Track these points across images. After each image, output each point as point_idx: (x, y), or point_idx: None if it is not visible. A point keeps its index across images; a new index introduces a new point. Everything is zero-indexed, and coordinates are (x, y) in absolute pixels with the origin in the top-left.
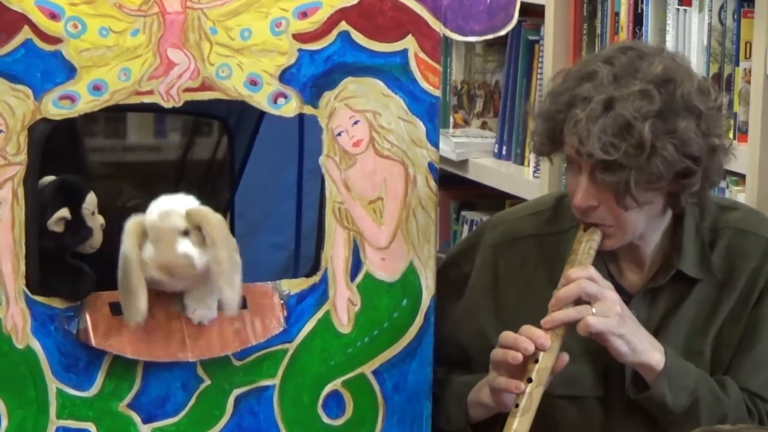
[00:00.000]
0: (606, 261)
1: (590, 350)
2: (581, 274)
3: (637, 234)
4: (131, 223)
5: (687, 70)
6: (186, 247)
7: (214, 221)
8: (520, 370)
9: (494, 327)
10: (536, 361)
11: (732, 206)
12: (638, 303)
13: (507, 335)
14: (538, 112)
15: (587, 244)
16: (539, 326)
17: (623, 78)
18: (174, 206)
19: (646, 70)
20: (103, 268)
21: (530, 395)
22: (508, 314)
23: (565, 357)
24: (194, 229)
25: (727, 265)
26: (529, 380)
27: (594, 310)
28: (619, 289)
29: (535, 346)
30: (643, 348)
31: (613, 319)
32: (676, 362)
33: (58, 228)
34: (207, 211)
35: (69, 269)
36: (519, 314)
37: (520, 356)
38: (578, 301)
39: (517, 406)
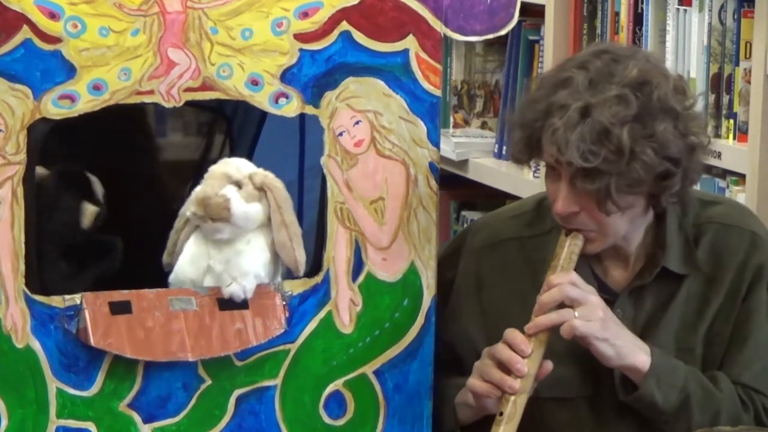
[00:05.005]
0: (590, 261)
1: (576, 351)
2: (563, 279)
3: (620, 237)
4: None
5: (662, 71)
6: (229, 191)
7: (280, 186)
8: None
9: (480, 330)
10: None
11: (714, 201)
12: (624, 302)
13: (502, 351)
14: (516, 120)
15: (569, 249)
16: (523, 330)
17: (599, 83)
18: (238, 162)
19: (621, 74)
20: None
21: (514, 403)
22: (493, 317)
23: (549, 364)
24: (252, 189)
25: (713, 260)
26: None
27: (576, 314)
28: (605, 289)
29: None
30: (628, 351)
31: (596, 323)
32: (663, 361)
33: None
34: (273, 177)
35: (96, 246)
36: (504, 317)
37: (517, 385)
38: (561, 306)
39: (501, 414)
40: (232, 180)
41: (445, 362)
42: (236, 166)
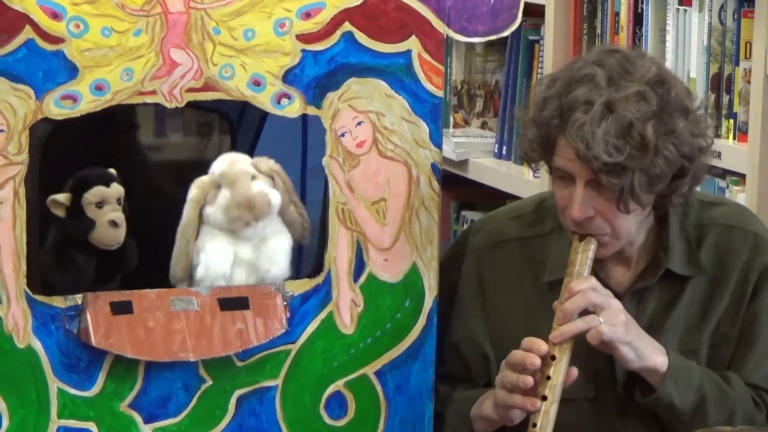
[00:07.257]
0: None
1: (578, 352)
2: (585, 286)
3: (630, 239)
4: (196, 185)
5: (673, 73)
6: (260, 186)
7: (281, 169)
8: (533, 387)
9: (484, 332)
10: (548, 378)
11: (715, 202)
12: (627, 303)
13: (515, 354)
14: (531, 117)
15: (583, 254)
16: (529, 331)
17: (618, 80)
18: (237, 158)
19: (639, 72)
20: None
21: (547, 413)
22: (497, 318)
23: (575, 371)
24: (265, 177)
25: (717, 262)
26: (544, 398)
27: (601, 320)
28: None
29: (546, 361)
30: (648, 352)
31: (620, 327)
32: (679, 362)
33: (56, 211)
34: (273, 161)
35: (67, 261)
36: (507, 317)
37: (530, 380)
38: (582, 313)
39: (534, 425)
40: (251, 175)
41: (457, 374)
42: (245, 161)
